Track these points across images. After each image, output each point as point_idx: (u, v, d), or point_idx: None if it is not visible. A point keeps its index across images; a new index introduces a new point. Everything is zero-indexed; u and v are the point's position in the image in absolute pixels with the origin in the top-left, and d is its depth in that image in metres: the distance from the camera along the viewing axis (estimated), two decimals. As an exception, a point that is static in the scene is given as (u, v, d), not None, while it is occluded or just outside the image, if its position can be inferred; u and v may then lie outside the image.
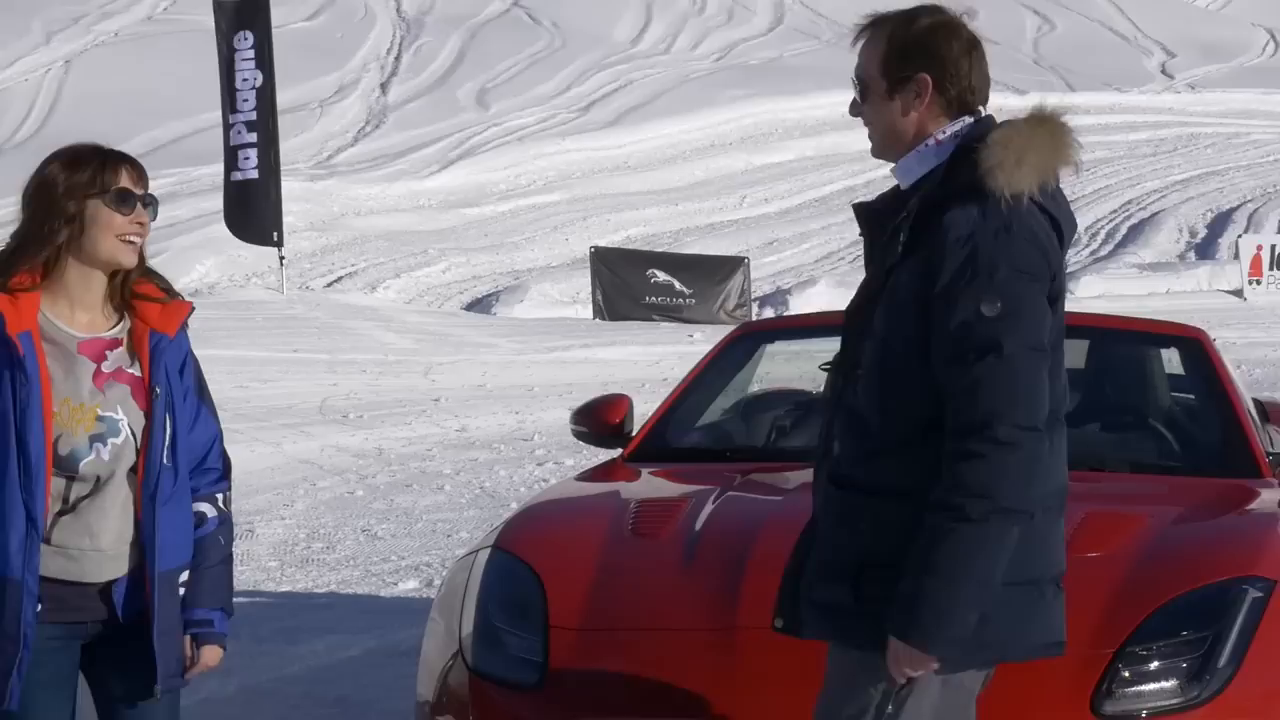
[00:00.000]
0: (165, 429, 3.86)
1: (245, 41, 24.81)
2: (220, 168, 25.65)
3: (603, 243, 30.64)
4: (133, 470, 3.83)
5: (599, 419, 6.33)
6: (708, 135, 41.75)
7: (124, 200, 3.80)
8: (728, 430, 6.67)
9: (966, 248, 3.45)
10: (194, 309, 4.01)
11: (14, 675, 3.74)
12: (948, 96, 3.63)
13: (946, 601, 3.42)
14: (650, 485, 5.89)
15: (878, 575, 3.53)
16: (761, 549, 4.78)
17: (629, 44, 50.59)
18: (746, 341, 7.04)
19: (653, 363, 20.22)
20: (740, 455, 6.23)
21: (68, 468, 3.77)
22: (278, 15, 27.69)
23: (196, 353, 4.04)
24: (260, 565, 9.87)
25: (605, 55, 47.86)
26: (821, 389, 6.95)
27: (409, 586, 9.40)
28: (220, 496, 4.04)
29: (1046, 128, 3.58)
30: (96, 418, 3.79)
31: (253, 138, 24.73)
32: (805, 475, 5.61)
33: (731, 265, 29.07)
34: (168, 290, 3.95)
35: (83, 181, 3.79)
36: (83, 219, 3.78)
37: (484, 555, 5.02)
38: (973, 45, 3.69)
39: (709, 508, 5.19)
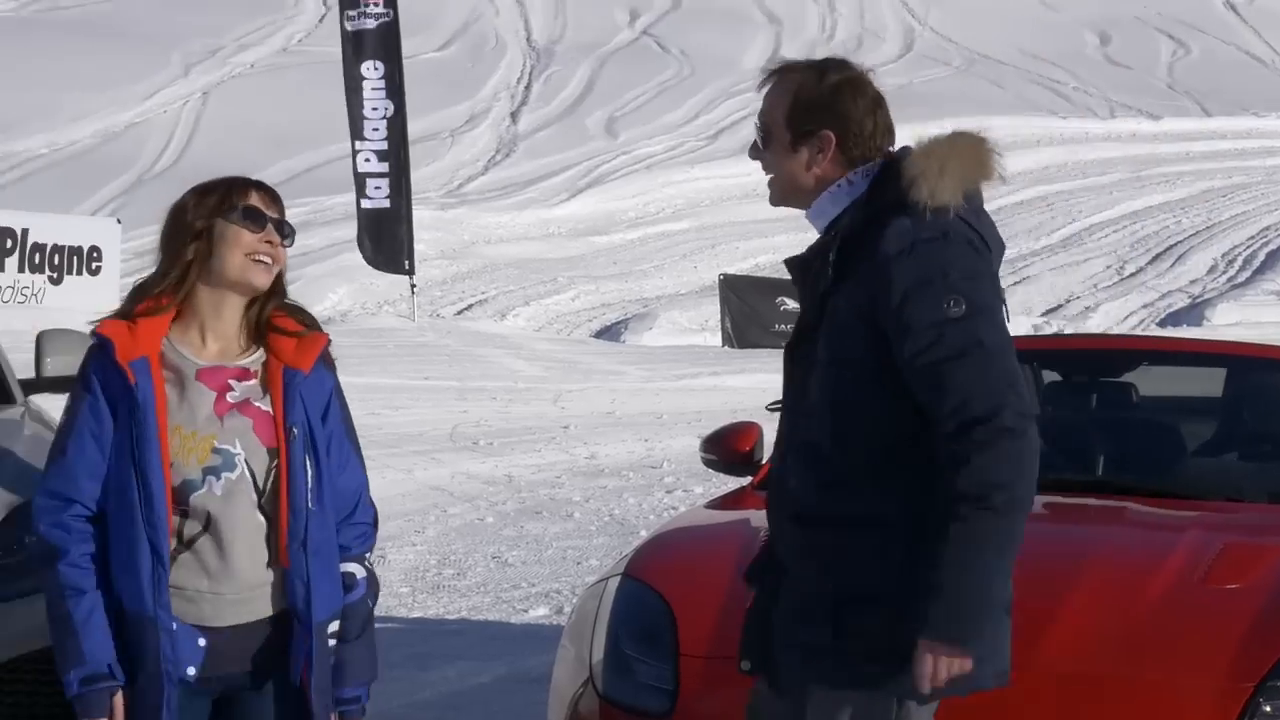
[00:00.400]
0: (306, 471, 3.66)
1: (375, 71, 25.08)
2: (352, 197, 25.96)
3: (731, 270, 30.65)
4: (260, 511, 3.63)
5: (729, 447, 6.30)
6: (837, 162, 41.63)
7: (252, 217, 3.67)
8: (858, 458, 6.62)
9: (911, 256, 3.42)
10: (330, 341, 3.80)
11: (164, 713, 3.58)
12: (850, 155, 3.60)
13: (981, 595, 3.37)
14: (780, 513, 5.85)
15: (856, 609, 3.49)
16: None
17: (758, 72, 50.60)
18: (877, 369, 6.98)
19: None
20: (871, 483, 6.17)
21: (179, 500, 3.60)
22: (409, 46, 28.02)
23: (327, 380, 3.83)
24: (392, 591, 9.93)
25: (734, 83, 47.89)
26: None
27: (539, 613, 9.42)
28: (368, 556, 3.84)
29: (966, 139, 3.56)
30: (212, 449, 3.62)
31: (384, 167, 25.00)
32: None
33: (861, 293, 28.91)
34: (307, 323, 3.78)
35: (211, 202, 3.68)
36: (210, 236, 3.65)
37: (614, 583, 5.01)
38: (877, 104, 3.66)
39: (839, 536, 5.15)
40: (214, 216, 3.66)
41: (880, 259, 3.43)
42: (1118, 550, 5.10)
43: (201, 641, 3.62)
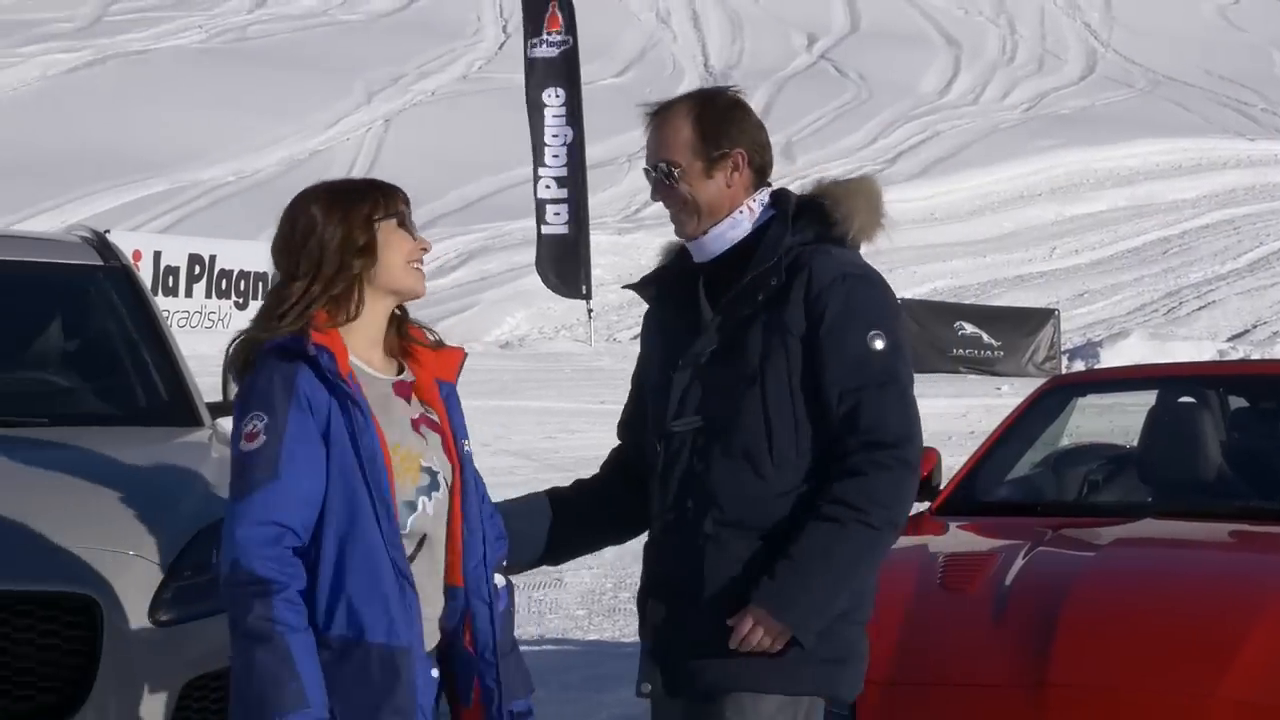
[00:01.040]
0: (476, 485, 3.47)
1: (556, 98, 25.32)
2: (530, 222, 26.20)
3: (909, 294, 30.44)
4: (446, 531, 3.44)
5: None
6: (1016, 186, 41.26)
7: (408, 224, 3.49)
8: (1037, 484, 6.57)
9: (843, 287, 3.61)
10: (466, 355, 3.63)
11: None
12: (755, 166, 3.77)
13: (826, 596, 3.53)
14: (959, 539, 5.83)
15: None
16: (1073, 605, 4.72)
17: (936, 95, 50.31)
18: (1057, 395, 6.95)
19: (959, 415, 20.00)
20: (1050, 510, 6.13)
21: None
22: (588, 72, 28.23)
23: (506, 404, 3.80)
24: (568, 614, 9.98)
25: (912, 106, 47.66)
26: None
27: (714, 637, 9.40)
28: (503, 562, 3.62)
29: (868, 185, 3.78)
30: (420, 468, 3.39)
31: (563, 193, 25.22)
32: (1119, 531, 5.52)
33: (1041, 317, 28.64)
34: (436, 338, 3.57)
35: (365, 211, 3.44)
36: (375, 245, 3.41)
37: (790, 607, 5.01)
38: (759, 121, 3.85)
39: (1019, 563, 5.11)
40: (376, 223, 3.44)
41: (813, 288, 3.60)
42: (1306, 580, 5.00)
43: (435, 672, 3.41)
